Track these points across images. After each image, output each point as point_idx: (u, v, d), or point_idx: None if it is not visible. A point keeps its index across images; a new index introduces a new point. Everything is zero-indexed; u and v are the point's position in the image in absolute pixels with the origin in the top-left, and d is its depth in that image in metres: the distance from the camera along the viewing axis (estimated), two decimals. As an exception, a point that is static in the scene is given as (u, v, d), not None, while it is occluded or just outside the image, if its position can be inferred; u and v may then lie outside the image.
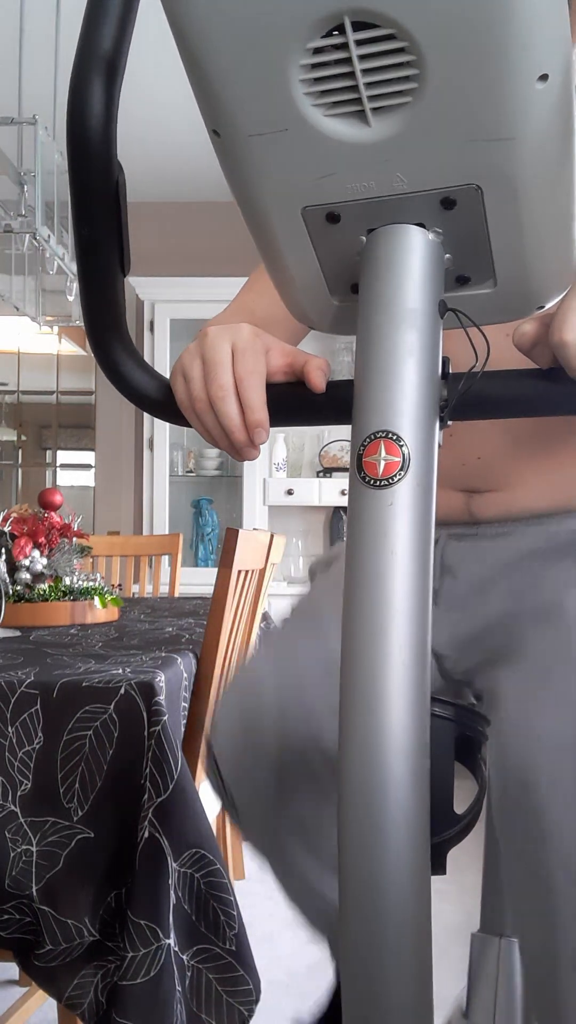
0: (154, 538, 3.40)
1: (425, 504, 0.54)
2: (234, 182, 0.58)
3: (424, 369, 0.55)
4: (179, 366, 0.73)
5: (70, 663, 1.40)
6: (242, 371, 0.69)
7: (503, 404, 0.66)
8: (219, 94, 0.53)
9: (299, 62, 0.50)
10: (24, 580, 2.00)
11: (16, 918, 1.23)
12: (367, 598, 0.53)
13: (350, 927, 0.52)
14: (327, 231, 0.59)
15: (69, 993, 1.21)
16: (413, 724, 0.51)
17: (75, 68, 0.65)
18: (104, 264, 0.68)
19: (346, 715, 0.52)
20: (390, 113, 0.51)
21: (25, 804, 1.23)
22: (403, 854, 0.51)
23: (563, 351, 0.61)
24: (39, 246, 2.53)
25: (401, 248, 0.56)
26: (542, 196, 0.55)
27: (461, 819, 0.59)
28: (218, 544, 4.00)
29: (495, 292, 0.61)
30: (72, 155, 0.66)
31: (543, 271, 0.60)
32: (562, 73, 0.50)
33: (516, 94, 0.49)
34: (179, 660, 1.47)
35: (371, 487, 0.54)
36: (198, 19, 0.50)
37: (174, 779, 1.21)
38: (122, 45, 0.65)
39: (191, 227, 4.22)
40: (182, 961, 1.22)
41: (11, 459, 6.63)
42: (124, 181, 0.67)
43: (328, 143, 0.53)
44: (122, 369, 0.71)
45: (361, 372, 0.56)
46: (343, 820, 0.52)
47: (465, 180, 0.54)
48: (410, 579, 0.52)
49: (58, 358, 6.03)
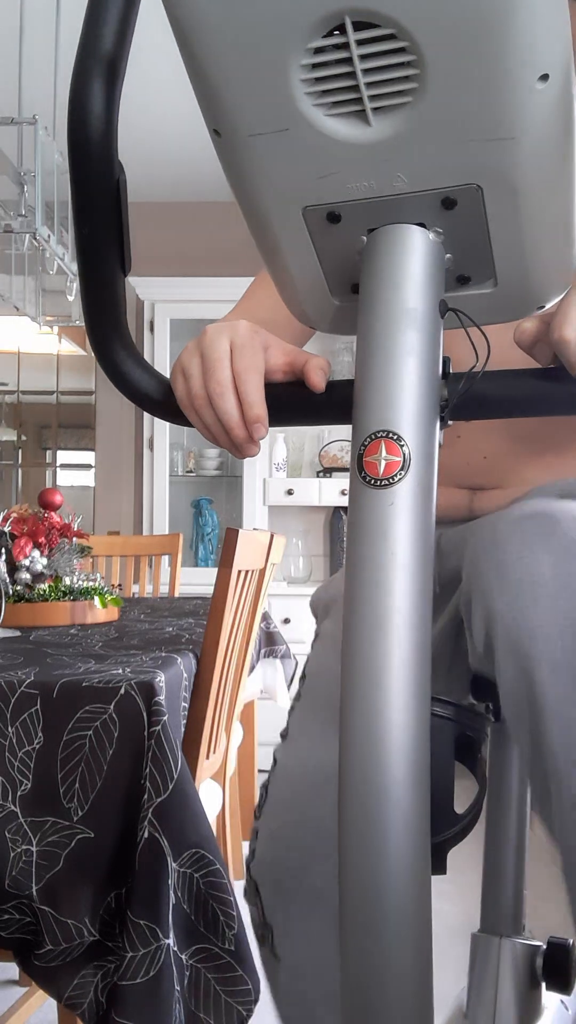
0: (154, 538, 3.40)
1: (426, 504, 0.54)
2: (235, 182, 0.58)
3: (424, 369, 0.55)
4: (179, 364, 0.73)
5: (70, 663, 1.40)
6: (240, 367, 0.69)
7: (504, 404, 0.66)
8: (220, 94, 0.53)
9: (300, 62, 0.50)
10: (24, 580, 2.00)
11: (16, 918, 1.23)
12: (367, 598, 0.53)
13: (350, 927, 0.52)
14: (328, 231, 0.59)
15: (69, 993, 1.21)
16: (413, 724, 0.51)
17: (76, 68, 0.65)
18: (105, 264, 0.68)
19: (346, 715, 0.52)
20: (391, 113, 0.51)
21: (25, 804, 1.23)
22: (403, 854, 0.51)
23: (563, 349, 0.61)
24: (39, 246, 2.53)
25: (401, 248, 0.56)
26: (542, 196, 0.55)
27: (461, 819, 0.59)
28: (218, 544, 4.00)
29: (495, 292, 0.61)
30: (73, 155, 0.66)
31: (543, 271, 0.60)
32: (562, 73, 0.50)
33: (516, 94, 0.49)
34: (179, 660, 1.47)
35: (372, 487, 0.54)
36: (199, 19, 0.50)
37: (174, 779, 1.21)
38: (123, 45, 0.65)
39: (191, 227, 4.22)
40: (181, 961, 1.22)
41: (11, 459, 6.63)
42: (125, 181, 0.67)
43: (329, 143, 0.53)
44: (123, 369, 0.71)
45: (361, 372, 0.56)
46: (343, 820, 0.52)
47: (465, 180, 0.54)
48: (410, 579, 0.52)
49: (58, 358, 6.03)
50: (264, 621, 2.62)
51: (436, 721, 0.56)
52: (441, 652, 0.96)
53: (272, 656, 2.66)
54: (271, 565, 2.18)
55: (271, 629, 2.70)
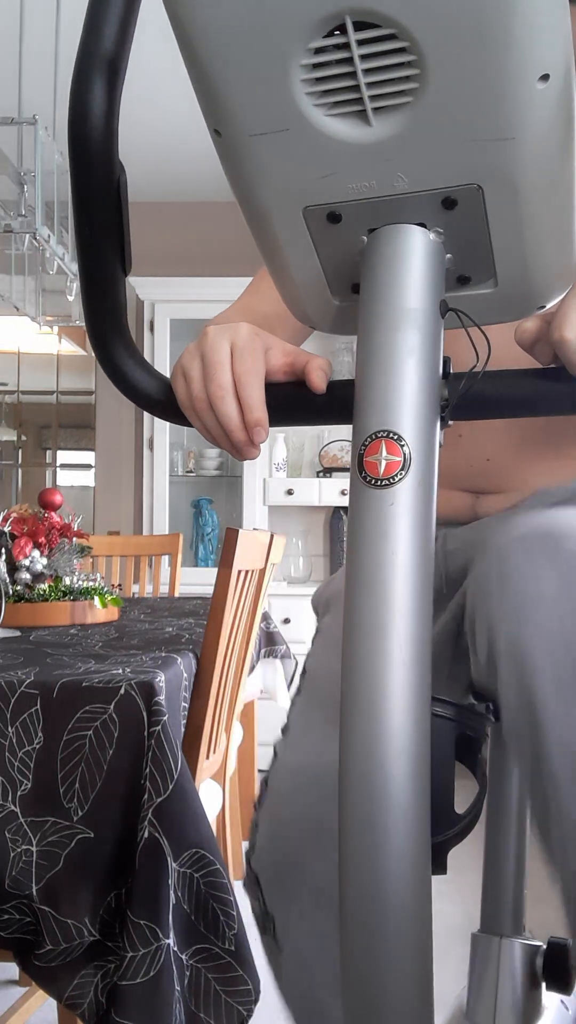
0: (154, 538, 3.40)
1: (426, 504, 0.54)
2: (235, 182, 0.58)
3: (425, 369, 0.55)
4: (179, 366, 0.73)
5: (70, 663, 1.40)
6: (241, 370, 0.69)
7: (504, 404, 0.66)
8: (220, 94, 0.53)
9: (300, 62, 0.50)
10: (24, 580, 2.00)
11: (16, 918, 1.23)
12: (368, 598, 0.53)
13: (350, 927, 0.52)
14: (328, 231, 0.59)
15: (69, 993, 1.21)
16: (414, 724, 0.51)
17: (76, 68, 0.65)
18: (105, 264, 0.68)
19: (347, 715, 0.52)
20: (391, 113, 0.51)
21: (25, 804, 1.23)
22: (404, 854, 0.51)
23: (564, 348, 0.61)
24: (39, 246, 2.53)
25: (402, 248, 0.56)
26: (543, 196, 0.55)
27: (462, 819, 0.59)
28: (218, 544, 4.00)
29: (496, 292, 0.61)
30: (73, 155, 0.66)
31: (544, 271, 0.60)
32: (563, 73, 0.50)
33: (517, 94, 0.49)
34: (179, 660, 1.47)
35: (372, 487, 0.54)
36: (199, 19, 0.50)
37: (174, 779, 1.21)
38: (123, 45, 0.65)
39: (191, 227, 4.22)
40: (181, 961, 1.22)
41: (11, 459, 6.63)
42: (125, 181, 0.67)
43: (329, 143, 0.53)
44: (123, 369, 0.71)
45: (362, 372, 0.56)
46: (343, 820, 0.52)
47: (466, 180, 0.54)
48: (411, 579, 0.52)
49: (58, 358, 6.03)
50: (264, 621, 2.62)
51: (436, 721, 0.56)
52: (442, 651, 0.96)
53: (272, 656, 2.66)
54: (271, 565, 2.18)
55: (271, 629, 2.70)
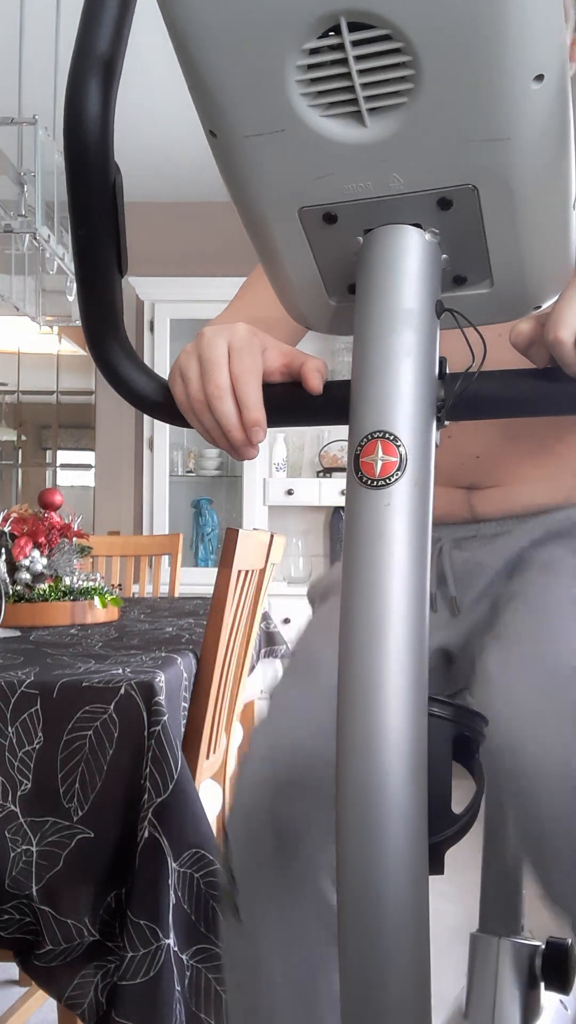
0: (154, 538, 3.40)
1: (423, 504, 0.54)
2: (231, 183, 0.58)
3: (421, 369, 0.55)
4: (177, 366, 0.73)
5: (70, 663, 1.40)
6: (238, 370, 0.69)
7: (500, 404, 0.66)
8: (215, 95, 0.53)
9: (295, 63, 0.50)
10: (24, 580, 2.00)
11: (16, 918, 1.23)
12: (365, 598, 0.53)
13: (348, 927, 0.52)
14: (324, 231, 0.59)
15: (69, 993, 1.21)
16: (411, 724, 0.51)
17: (72, 70, 0.65)
18: (102, 265, 0.68)
19: (344, 715, 0.52)
20: (386, 113, 0.51)
21: (25, 804, 1.23)
22: (401, 854, 0.51)
23: (558, 349, 0.61)
24: (39, 246, 2.53)
25: (398, 248, 0.56)
26: (538, 196, 0.55)
27: (459, 819, 0.59)
28: (218, 544, 4.00)
29: (492, 292, 0.61)
30: (69, 156, 0.66)
31: (539, 271, 0.60)
32: (558, 73, 0.50)
33: (512, 95, 0.49)
34: (179, 660, 1.47)
35: (368, 487, 0.54)
36: (194, 20, 0.50)
37: (174, 779, 1.21)
38: (119, 46, 0.65)
39: (191, 227, 4.22)
40: (182, 961, 1.22)
41: (11, 459, 6.64)
42: (121, 182, 0.67)
43: (325, 144, 0.53)
44: (120, 370, 0.71)
45: (358, 372, 0.56)
46: (341, 820, 0.52)
47: (461, 180, 0.54)
48: (408, 579, 0.52)
49: (58, 358, 6.03)
50: (264, 621, 2.62)
51: (434, 721, 0.56)
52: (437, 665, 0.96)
53: (272, 656, 2.66)
54: (271, 565, 2.18)
55: (271, 629, 2.70)
